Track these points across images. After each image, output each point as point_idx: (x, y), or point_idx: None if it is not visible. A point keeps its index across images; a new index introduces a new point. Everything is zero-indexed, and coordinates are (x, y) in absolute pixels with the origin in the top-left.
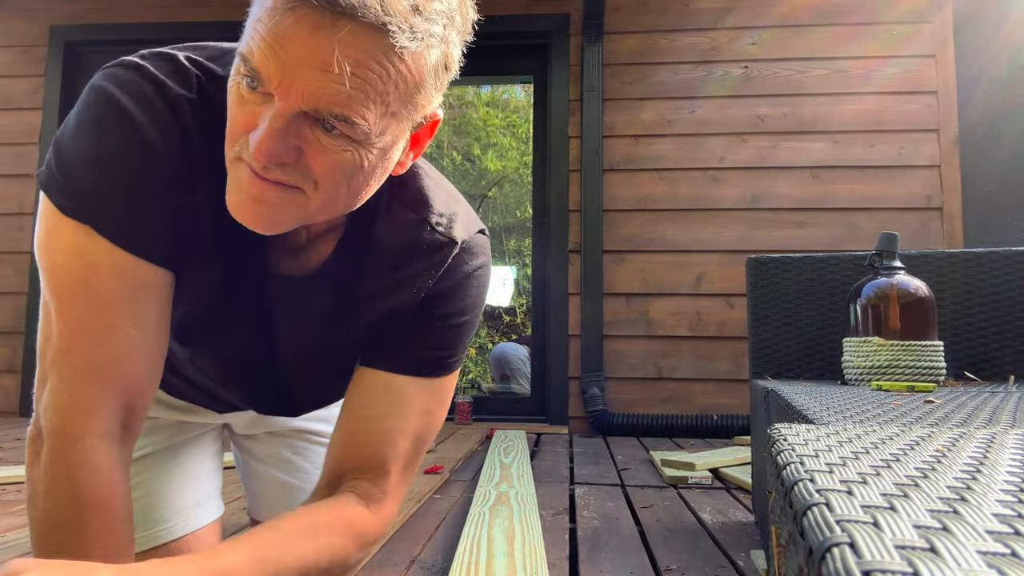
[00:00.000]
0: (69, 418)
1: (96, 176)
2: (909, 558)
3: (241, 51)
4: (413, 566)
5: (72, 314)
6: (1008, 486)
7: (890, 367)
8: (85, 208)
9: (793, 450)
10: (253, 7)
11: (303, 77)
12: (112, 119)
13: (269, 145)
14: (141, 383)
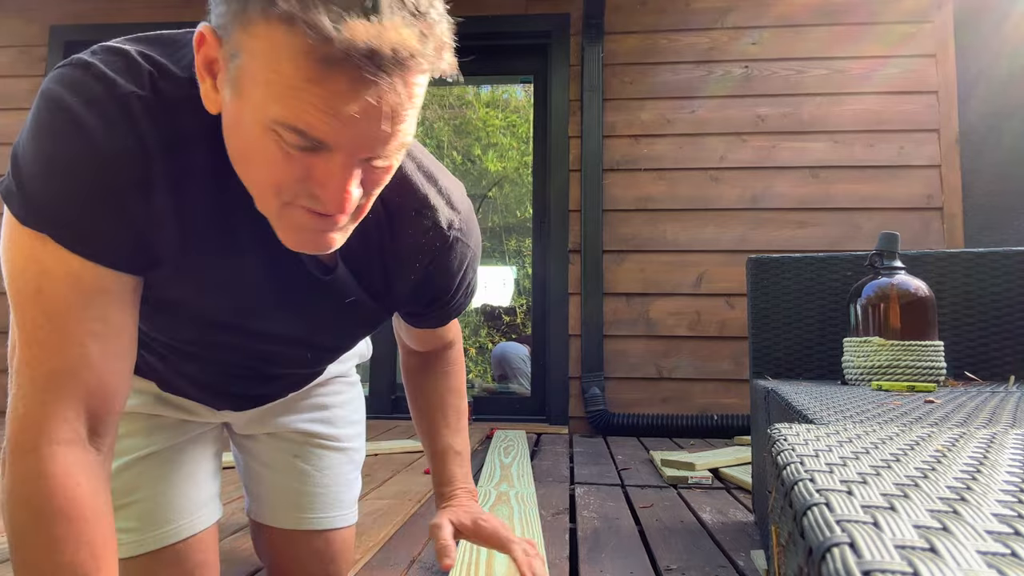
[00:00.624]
0: (21, 429)
1: (47, 184)
2: (909, 558)
3: (288, 123)
4: (413, 566)
5: (28, 322)
6: (1008, 486)
7: (890, 367)
8: (39, 217)
9: (793, 450)
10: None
11: (362, 134)
12: (61, 125)
13: (350, 198)
14: (104, 389)
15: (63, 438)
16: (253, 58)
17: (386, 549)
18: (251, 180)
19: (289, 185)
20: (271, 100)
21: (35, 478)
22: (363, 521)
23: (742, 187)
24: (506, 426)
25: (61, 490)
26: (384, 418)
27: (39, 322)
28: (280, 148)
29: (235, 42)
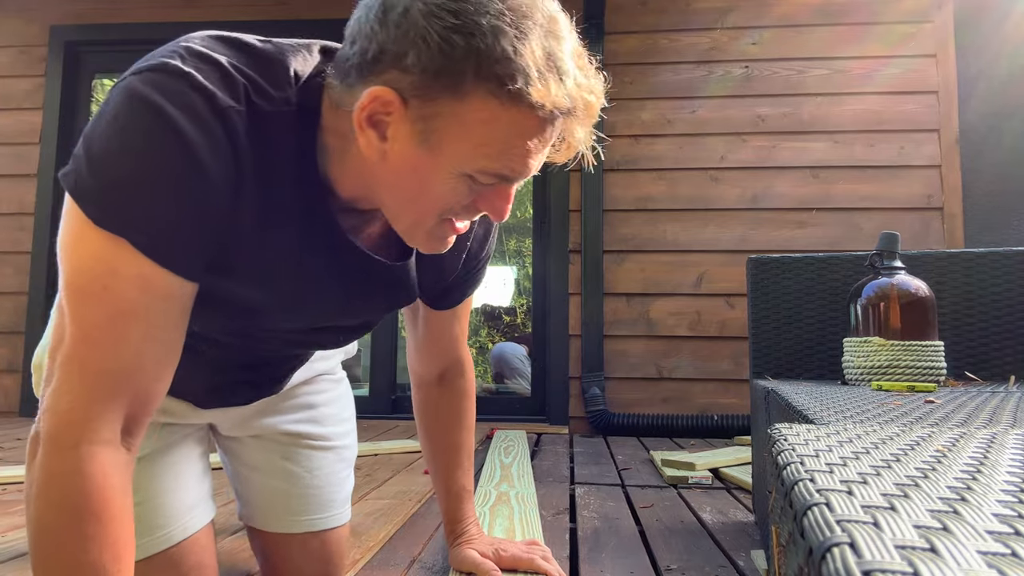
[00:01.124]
0: (65, 424)
1: (136, 190)
2: (909, 558)
3: (497, 171)
4: (414, 566)
5: (86, 319)
6: (1008, 486)
7: (890, 367)
8: (120, 221)
9: (793, 450)
10: (482, 112)
11: (537, 164)
12: (160, 134)
13: (508, 212)
14: (147, 393)
15: (104, 438)
16: (461, 122)
17: (386, 549)
18: (419, 208)
19: (457, 209)
20: (480, 156)
21: (73, 475)
22: (363, 521)
23: (742, 187)
24: (506, 426)
25: (98, 490)
26: (384, 418)
27: (99, 321)
28: (469, 186)
29: (436, 106)
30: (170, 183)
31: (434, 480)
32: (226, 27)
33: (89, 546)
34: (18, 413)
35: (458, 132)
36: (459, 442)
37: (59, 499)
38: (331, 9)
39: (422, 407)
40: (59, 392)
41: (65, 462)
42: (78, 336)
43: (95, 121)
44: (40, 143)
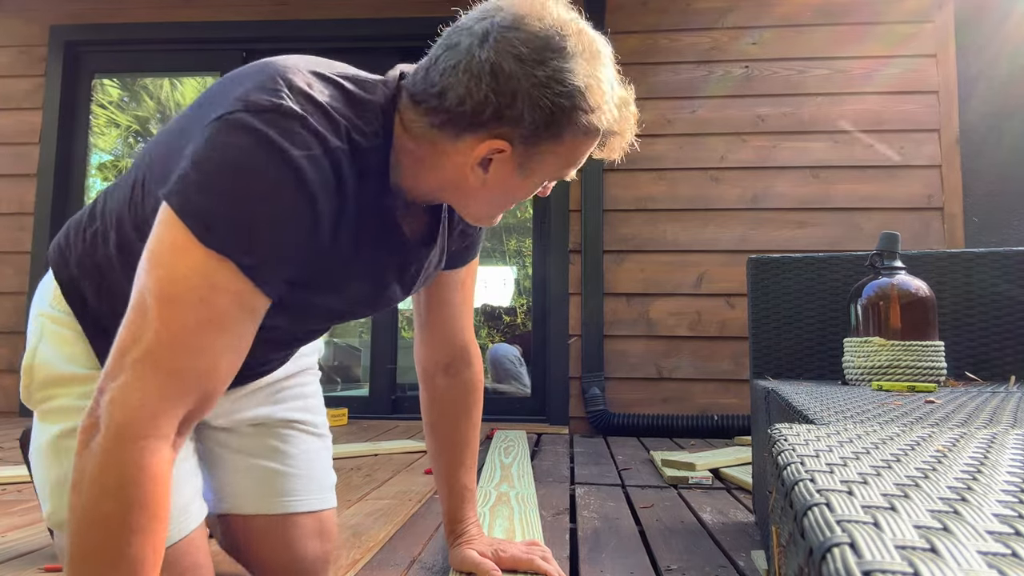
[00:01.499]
0: (134, 418)
1: (252, 220)
2: (909, 558)
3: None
4: (414, 566)
5: (175, 323)
6: (1008, 486)
7: (891, 367)
8: (229, 243)
9: (794, 450)
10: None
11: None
12: (279, 171)
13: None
14: (212, 395)
15: (165, 434)
16: (555, 155)
17: (386, 549)
18: (499, 207)
19: (516, 200)
20: (559, 171)
21: (133, 467)
22: (363, 521)
23: (742, 187)
24: (506, 426)
25: (152, 484)
26: (384, 418)
27: (189, 326)
28: (533, 185)
29: (538, 148)
30: (284, 217)
31: (436, 478)
32: (226, 27)
33: (134, 539)
34: (18, 413)
35: (551, 161)
36: (464, 438)
37: (115, 489)
38: (331, 9)
39: (428, 401)
40: (130, 387)
41: (127, 453)
42: (164, 337)
43: (207, 150)
44: (40, 143)
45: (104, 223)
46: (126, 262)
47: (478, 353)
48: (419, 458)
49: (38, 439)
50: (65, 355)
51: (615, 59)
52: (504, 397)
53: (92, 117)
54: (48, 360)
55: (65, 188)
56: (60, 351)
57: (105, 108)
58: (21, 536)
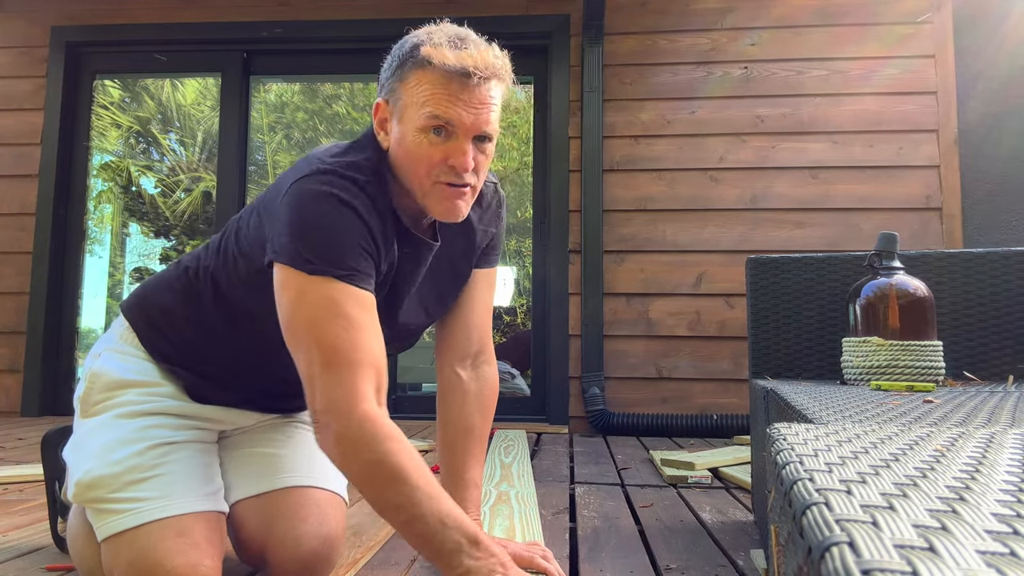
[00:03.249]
0: (343, 400)
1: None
2: (908, 557)
3: (430, 113)
4: (414, 566)
5: (327, 335)
6: (1007, 486)
7: (889, 367)
8: (328, 265)
9: (792, 449)
10: (420, 83)
11: (476, 114)
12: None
13: (468, 161)
14: (381, 369)
15: (375, 403)
16: (408, 93)
17: (386, 549)
18: (413, 174)
19: (435, 166)
20: (420, 107)
21: (372, 437)
22: (363, 521)
23: (742, 187)
24: (506, 426)
25: (389, 435)
26: None
27: (337, 332)
28: (429, 141)
29: (397, 93)
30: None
31: (443, 472)
32: (226, 27)
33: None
34: (19, 413)
35: (406, 99)
36: (476, 427)
37: (372, 450)
38: (331, 10)
39: (445, 391)
40: (332, 389)
41: (363, 427)
42: (327, 349)
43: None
44: (41, 144)
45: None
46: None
47: (494, 358)
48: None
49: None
50: (128, 367)
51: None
52: (504, 397)
53: (95, 118)
54: (111, 369)
55: (66, 189)
56: (124, 364)
57: (107, 109)
58: (22, 536)
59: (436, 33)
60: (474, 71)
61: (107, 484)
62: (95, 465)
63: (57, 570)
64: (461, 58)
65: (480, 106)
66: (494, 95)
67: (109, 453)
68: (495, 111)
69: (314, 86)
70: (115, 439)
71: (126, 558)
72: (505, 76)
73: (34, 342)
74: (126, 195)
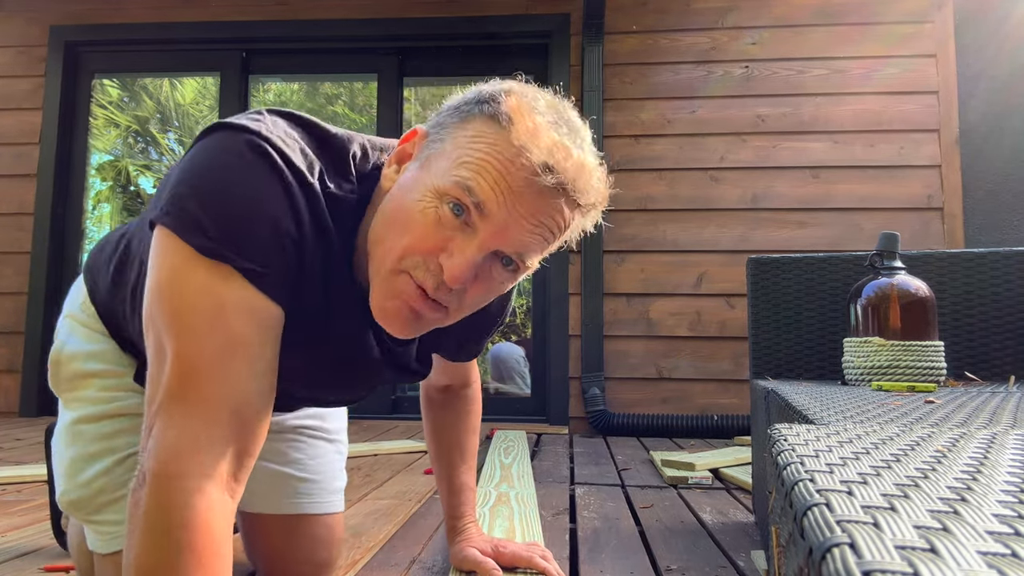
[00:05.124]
0: (174, 455)
1: (256, 227)
2: (909, 558)
3: (464, 178)
4: (414, 566)
5: (192, 354)
6: (1008, 487)
7: (890, 367)
8: (233, 249)
9: (793, 450)
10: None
11: (519, 227)
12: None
13: (465, 274)
14: (251, 427)
15: (211, 472)
16: (456, 140)
17: (386, 549)
18: (387, 237)
19: (419, 251)
20: (457, 164)
21: (180, 508)
22: (363, 521)
23: (742, 187)
24: (506, 426)
25: (204, 527)
26: (384, 418)
27: (206, 354)
28: (438, 214)
29: (444, 133)
30: (279, 216)
31: (437, 478)
32: (226, 27)
33: None
34: (18, 413)
35: (450, 146)
36: (462, 441)
37: (163, 531)
38: (332, 10)
39: (427, 408)
40: (164, 431)
41: (176, 493)
42: (184, 372)
43: (191, 165)
44: (40, 143)
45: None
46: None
47: (477, 375)
48: (419, 458)
49: (59, 423)
50: (91, 352)
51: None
52: (504, 397)
53: (91, 118)
54: (74, 355)
55: (65, 188)
56: (86, 348)
57: (105, 108)
58: (21, 536)
59: (538, 96)
60: (558, 171)
61: (83, 506)
62: (68, 487)
63: (56, 570)
64: (552, 145)
65: (535, 222)
66: (561, 223)
67: (76, 473)
68: (549, 244)
69: (313, 86)
70: (79, 454)
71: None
72: (591, 211)
73: (32, 342)
74: (124, 194)
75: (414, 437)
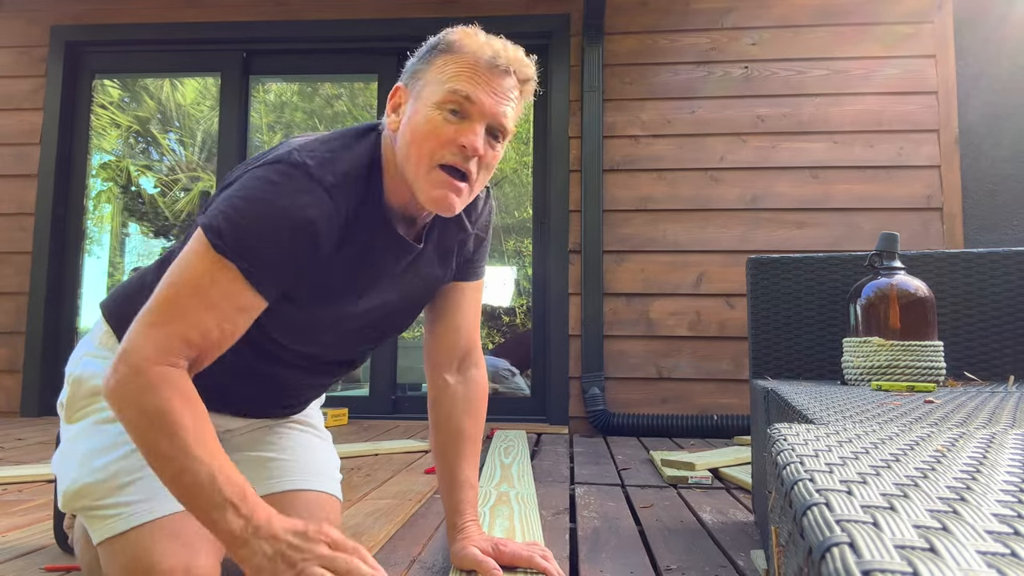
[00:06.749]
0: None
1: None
2: (909, 558)
3: (452, 88)
4: (414, 566)
5: (178, 303)
6: (1007, 486)
7: (890, 367)
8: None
9: (793, 450)
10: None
11: (494, 102)
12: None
13: (479, 144)
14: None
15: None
16: (431, 74)
17: (386, 549)
18: (417, 153)
19: (443, 144)
20: (442, 83)
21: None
22: (363, 521)
23: (742, 187)
24: (506, 426)
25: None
26: (384, 418)
27: (190, 306)
28: (443, 118)
29: (419, 75)
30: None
31: (439, 474)
32: (227, 27)
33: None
34: (19, 413)
35: (429, 79)
36: (466, 429)
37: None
38: (332, 10)
39: (435, 397)
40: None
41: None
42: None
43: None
44: (40, 143)
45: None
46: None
47: (483, 359)
48: (419, 458)
49: (71, 429)
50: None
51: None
52: (504, 397)
53: (94, 117)
54: (93, 374)
55: (65, 188)
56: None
57: (106, 108)
58: (21, 536)
59: (470, 28)
60: (504, 60)
61: (93, 492)
62: (79, 474)
63: (56, 570)
64: (492, 45)
65: (502, 95)
66: (515, 93)
67: (92, 460)
68: (512, 108)
69: (314, 86)
70: (97, 446)
71: (120, 563)
72: (529, 82)
73: (33, 342)
74: (125, 195)
75: (414, 437)
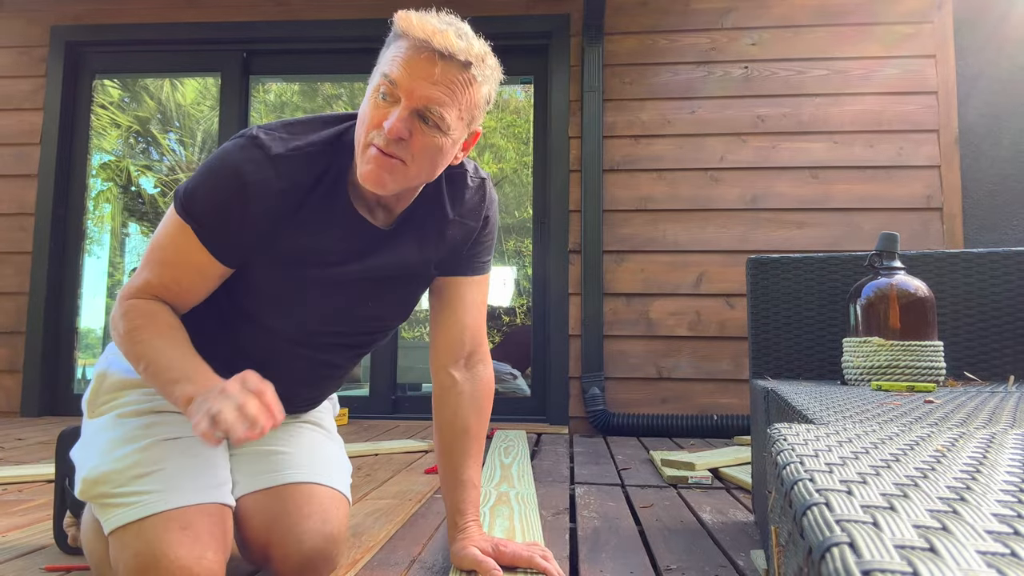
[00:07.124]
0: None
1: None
2: (909, 558)
3: (382, 72)
4: (414, 566)
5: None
6: (1007, 486)
7: (890, 367)
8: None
9: (793, 450)
10: (389, 50)
11: (421, 87)
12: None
13: (397, 126)
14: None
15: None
16: (381, 59)
17: (386, 549)
18: (357, 135)
19: (373, 127)
20: (379, 69)
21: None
22: (363, 521)
23: (742, 187)
24: (506, 426)
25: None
26: (384, 418)
27: (157, 258)
28: (375, 104)
29: (379, 61)
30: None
31: (442, 473)
32: (227, 28)
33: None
34: (19, 413)
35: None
36: (472, 428)
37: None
38: (332, 10)
39: (440, 394)
40: (132, 279)
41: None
42: (146, 259)
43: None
44: (40, 143)
45: None
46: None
47: (489, 358)
48: (419, 458)
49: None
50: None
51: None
52: (504, 397)
53: (94, 118)
54: (117, 370)
55: (65, 188)
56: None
57: (106, 108)
58: (22, 536)
59: (413, 12)
60: (435, 44)
61: (112, 479)
62: (100, 462)
63: (56, 570)
64: (424, 29)
65: (431, 81)
66: (457, 81)
67: (113, 450)
68: (451, 97)
69: (314, 86)
70: (119, 437)
71: (131, 550)
72: (475, 64)
73: (33, 342)
74: (125, 195)
75: (414, 437)
